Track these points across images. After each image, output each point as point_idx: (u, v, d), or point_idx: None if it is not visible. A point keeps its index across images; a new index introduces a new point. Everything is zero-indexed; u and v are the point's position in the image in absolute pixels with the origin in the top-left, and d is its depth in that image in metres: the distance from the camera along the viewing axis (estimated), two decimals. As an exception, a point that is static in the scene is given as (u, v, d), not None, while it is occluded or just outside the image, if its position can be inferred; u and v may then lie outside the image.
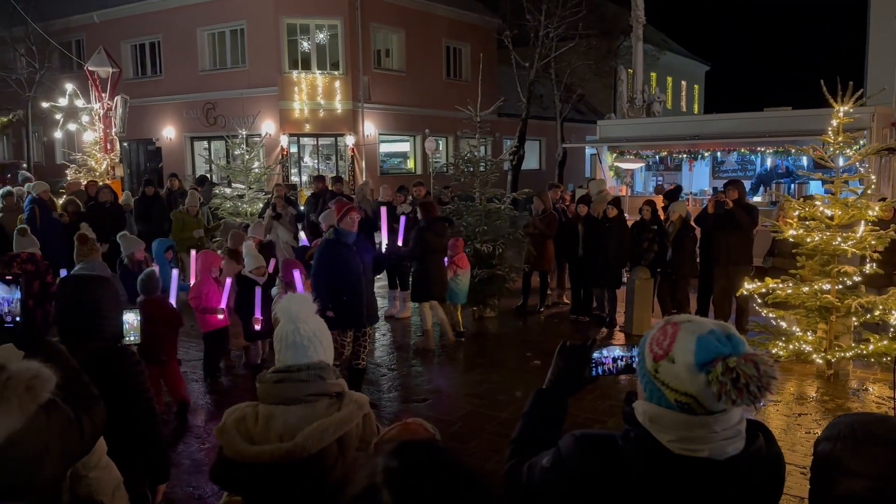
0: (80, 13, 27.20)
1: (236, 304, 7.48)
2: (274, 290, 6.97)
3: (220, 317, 7.18)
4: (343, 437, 2.25)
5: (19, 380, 1.95)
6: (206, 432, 6.16)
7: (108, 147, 16.13)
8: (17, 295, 2.32)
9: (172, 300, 6.94)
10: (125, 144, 21.71)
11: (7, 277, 2.33)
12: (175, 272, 7.20)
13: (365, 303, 6.41)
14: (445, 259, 8.95)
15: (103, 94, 16.13)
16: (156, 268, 7.05)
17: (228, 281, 7.15)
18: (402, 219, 9.09)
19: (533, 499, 1.83)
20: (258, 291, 7.23)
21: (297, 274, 6.38)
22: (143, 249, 7.79)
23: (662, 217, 9.87)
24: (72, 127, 18.08)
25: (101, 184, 13.21)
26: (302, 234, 10.72)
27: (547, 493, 1.77)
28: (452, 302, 9.21)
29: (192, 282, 7.62)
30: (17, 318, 2.31)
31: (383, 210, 7.46)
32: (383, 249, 7.09)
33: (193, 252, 8.03)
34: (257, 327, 7.32)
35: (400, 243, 8.88)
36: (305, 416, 2.25)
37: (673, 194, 11.77)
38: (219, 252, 8.36)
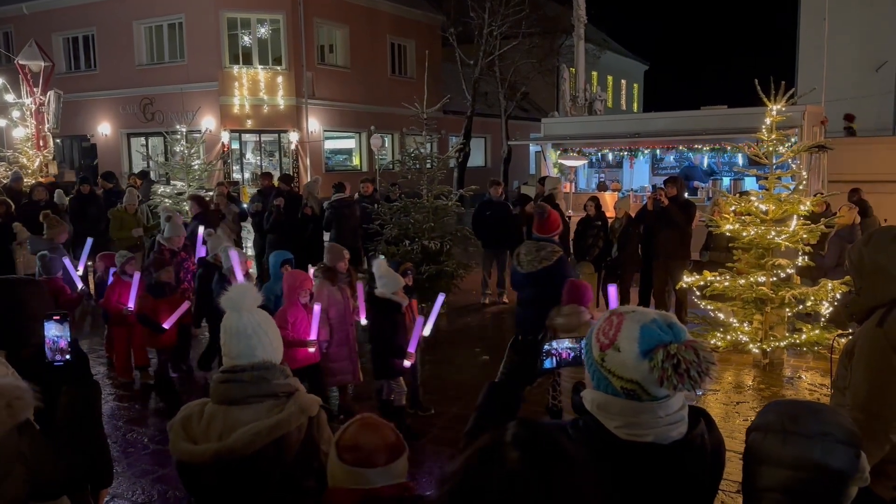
0: (8, 4, 26.10)
1: (371, 333, 6.16)
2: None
3: (312, 350, 6.01)
4: (281, 439, 2.22)
5: (2, 395, 1.91)
6: (150, 438, 6.03)
7: (41, 144, 15.53)
8: (67, 333, 2.28)
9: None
10: (58, 141, 20.92)
11: (55, 317, 2.29)
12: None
13: None
14: None
15: (35, 89, 15.54)
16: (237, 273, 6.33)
17: (318, 308, 5.92)
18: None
19: None
20: (419, 322, 5.83)
21: (612, 290, 4.58)
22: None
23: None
24: (1, 122, 17.35)
25: (34, 181, 12.74)
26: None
27: None
28: None
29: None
30: (67, 357, 2.29)
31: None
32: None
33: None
34: (408, 364, 5.83)
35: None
36: (244, 417, 2.24)
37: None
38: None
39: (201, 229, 8.41)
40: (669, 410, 1.68)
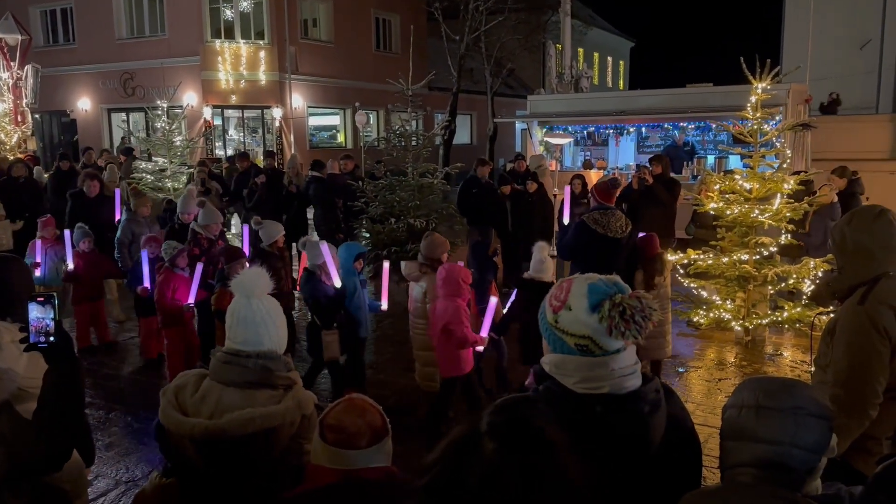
0: (-17, -25, 25.53)
1: (527, 317, 5.32)
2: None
3: (481, 348, 5.39)
4: (271, 431, 2.21)
5: None
6: (134, 417, 6.01)
7: (19, 119, 15.27)
8: (51, 315, 2.24)
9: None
10: (37, 116, 20.53)
11: (39, 299, 2.25)
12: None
13: None
14: None
15: (12, 63, 15.24)
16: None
17: (494, 301, 5.24)
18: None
19: None
20: None
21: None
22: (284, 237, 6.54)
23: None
24: (-23, 97, 17.02)
25: (12, 157, 12.52)
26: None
27: None
28: None
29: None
30: (52, 339, 2.25)
31: (567, 189, 7.35)
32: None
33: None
34: None
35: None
36: (240, 400, 2.23)
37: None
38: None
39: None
40: (623, 364, 1.79)
